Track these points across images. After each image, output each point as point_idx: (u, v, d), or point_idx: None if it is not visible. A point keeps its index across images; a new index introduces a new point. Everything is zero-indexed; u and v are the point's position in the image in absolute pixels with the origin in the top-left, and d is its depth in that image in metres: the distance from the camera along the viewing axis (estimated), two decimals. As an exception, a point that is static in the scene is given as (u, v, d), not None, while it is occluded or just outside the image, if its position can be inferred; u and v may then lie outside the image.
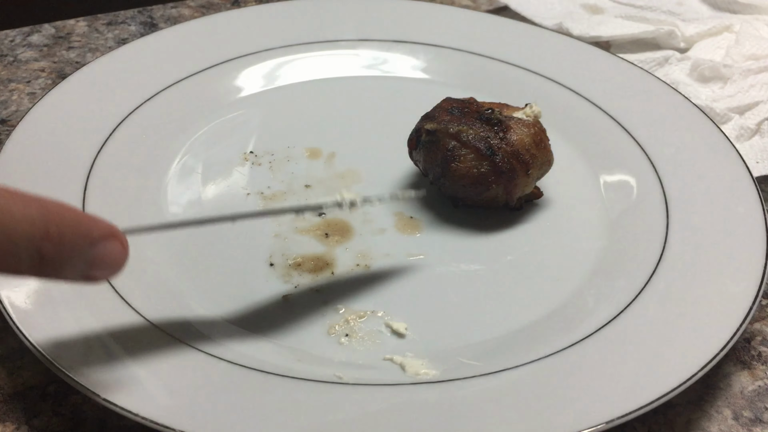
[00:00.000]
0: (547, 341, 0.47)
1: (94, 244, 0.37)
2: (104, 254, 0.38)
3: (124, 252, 0.39)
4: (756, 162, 0.62)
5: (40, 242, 0.35)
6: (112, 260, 0.38)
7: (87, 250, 0.37)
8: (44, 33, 0.76)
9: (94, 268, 0.38)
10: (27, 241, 0.35)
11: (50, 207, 0.36)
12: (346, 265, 0.53)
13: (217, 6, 0.82)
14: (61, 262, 0.37)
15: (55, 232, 0.36)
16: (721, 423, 0.46)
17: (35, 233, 0.35)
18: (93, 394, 0.41)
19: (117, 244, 0.38)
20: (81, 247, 0.37)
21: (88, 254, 0.37)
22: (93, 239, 0.37)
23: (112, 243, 0.38)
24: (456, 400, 0.43)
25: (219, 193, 0.58)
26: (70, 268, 0.37)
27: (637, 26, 0.75)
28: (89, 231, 0.37)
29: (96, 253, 0.37)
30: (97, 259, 0.38)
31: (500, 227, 0.56)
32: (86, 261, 0.37)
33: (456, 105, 0.57)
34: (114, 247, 0.38)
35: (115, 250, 0.38)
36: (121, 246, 0.39)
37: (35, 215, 0.35)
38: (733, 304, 0.47)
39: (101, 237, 0.38)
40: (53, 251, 0.36)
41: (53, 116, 0.59)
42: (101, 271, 0.38)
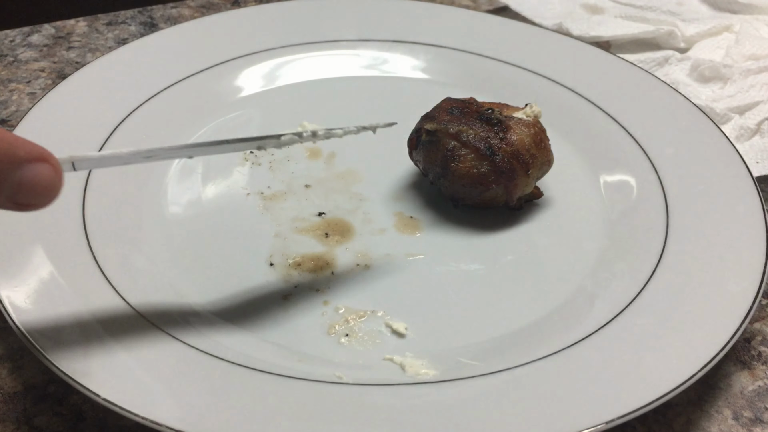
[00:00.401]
0: (547, 341, 0.47)
1: (19, 165, 0.35)
2: (32, 178, 0.35)
3: (55, 177, 0.36)
4: (756, 162, 0.62)
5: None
6: (42, 185, 0.35)
7: (12, 172, 0.34)
8: (44, 33, 0.76)
9: (21, 192, 0.35)
10: None
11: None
12: (346, 265, 0.53)
13: (217, 6, 0.82)
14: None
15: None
16: (721, 423, 0.46)
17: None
18: (93, 394, 0.41)
19: (47, 168, 0.35)
20: (4, 168, 0.34)
21: (13, 177, 0.34)
22: (18, 160, 0.35)
23: (42, 166, 0.35)
24: (456, 400, 0.43)
25: (219, 193, 0.58)
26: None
27: (637, 26, 0.75)
28: (13, 151, 0.34)
29: (23, 176, 0.35)
30: (25, 182, 0.35)
31: (500, 227, 0.56)
32: (12, 184, 0.35)
33: (456, 105, 0.57)
34: (43, 171, 0.35)
35: (44, 173, 0.35)
36: (53, 170, 0.36)
37: None
38: (733, 304, 0.47)
39: (28, 159, 0.35)
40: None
41: (53, 116, 0.59)
42: (30, 197, 0.35)
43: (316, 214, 0.57)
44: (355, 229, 0.56)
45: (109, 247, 0.50)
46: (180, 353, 0.44)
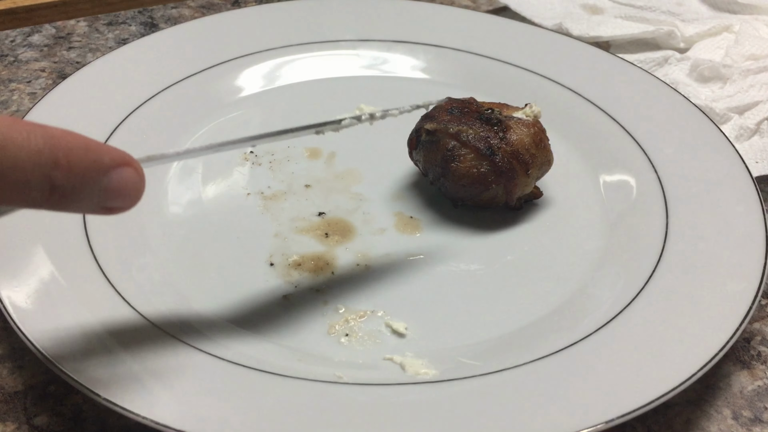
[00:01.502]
0: (547, 341, 0.47)
1: (106, 172, 0.36)
2: (119, 182, 0.36)
3: (139, 179, 0.37)
4: (755, 162, 0.62)
5: (50, 171, 0.34)
6: (128, 189, 0.37)
7: (100, 179, 0.35)
8: (44, 33, 0.76)
9: (109, 197, 0.36)
10: (36, 171, 0.33)
11: (56, 134, 0.35)
12: (346, 265, 0.53)
13: (217, 6, 0.82)
14: (73, 192, 0.35)
15: (64, 160, 0.34)
16: (721, 423, 0.46)
17: (44, 162, 0.34)
18: (93, 394, 0.41)
19: (131, 172, 0.37)
20: (93, 176, 0.35)
21: (101, 183, 0.36)
22: (105, 167, 0.36)
23: (126, 171, 0.36)
24: (456, 400, 0.43)
25: (219, 193, 0.58)
26: (85, 199, 0.36)
27: (637, 26, 0.75)
28: (100, 158, 0.35)
29: (110, 181, 0.36)
30: (112, 187, 0.36)
31: (500, 227, 0.56)
32: (100, 190, 0.36)
33: (456, 105, 0.57)
34: (128, 175, 0.36)
35: (129, 177, 0.37)
36: (136, 173, 0.37)
37: (41, 144, 0.34)
38: (733, 304, 0.47)
39: (114, 164, 0.36)
40: (64, 180, 0.34)
41: (54, 116, 0.59)
42: (117, 200, 0.37)
43: (316, 214, 0.57)
44: (355, 229, 0.56)
45: (109, 247, 0.50)
46: (180, 353, 0.44)
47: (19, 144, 0.33)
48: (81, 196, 0.36)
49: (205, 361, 0.44)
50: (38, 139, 0.34)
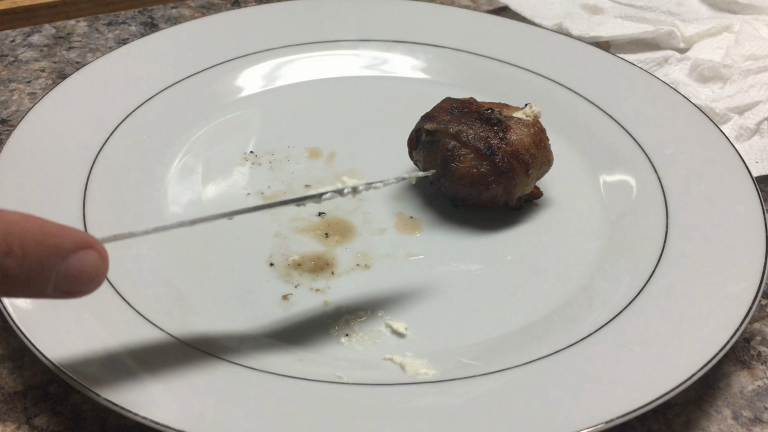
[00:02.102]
0: (547, 341, 0.47)
1: (65, 257, 0.34)
2: (78, 267, 0.35)
3: (102, 262, 0.36)
4: (755, 162, 0.62)
5: (2, 260, 0.32)
6: (89, 273, 0.35)
7: (58, 264, 0.34)
8: (44, 33, 0.76)
9: (68, 282, 0.35)
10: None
11: (10, 219, 0.33)
12: (346, 265, 0.53)
13: (217, 6, 0.82)
14: (28, 280, 0.33)
15: (18, 246, 0.33)
16: (721, 423, 0.46)
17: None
18: (93, 394, 0.41)
19: (93, 255, 0.35)
20: (50, 262, 0.34)
21: (59, 268, 0.34)
22: (64, 251, 0.34)
23: (87, 254, 0.35)
24: (456, 400, 0.43)
25: (219, 193, 0.58)
26: (41, 285, 0.34)
27: (637, 26, 0.75)
28: (58, 243, 0.34)
29: (69, 266, 0.34)
30: (71, 273, 0.34)
31: (500, 227, 0.56)
32: (58, 276, 0.34)
33: (456, 105, 0.57)
34: (89, 259, 0.35)
35: (90, 261, 0.35)
36: (98, 256, 0.35)
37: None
38: (733, 304, 0.47)
39: (73, 248, 0.34)
40: (18, 269, 0.33)
41: (54, 116, 0.59)
42: (76, 285, 0.35)
43: (316, 214, 0.57)
44: (356, 229, 0.56)
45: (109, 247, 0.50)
46: (180, 353, 0.44)
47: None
48: (36, 283, 0.34)
49: (205, 362, 0.44)
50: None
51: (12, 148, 0.56)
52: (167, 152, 0.60)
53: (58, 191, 0.54)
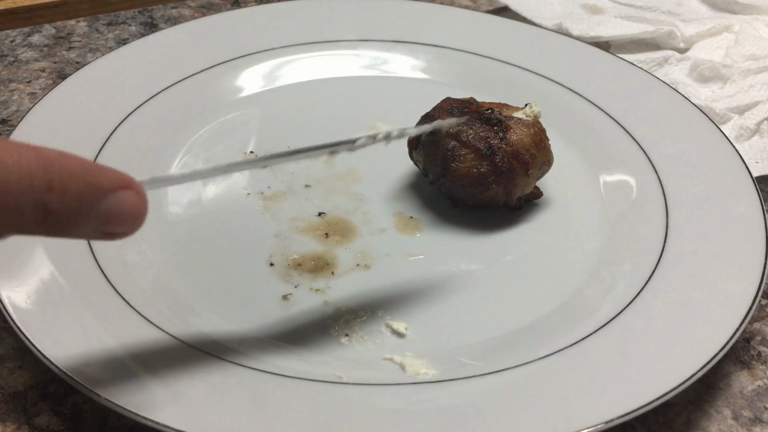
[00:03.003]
0: (547, 341, 0.47)
1: (104, 195, 0.34)
2: (118, 207, 0.34)
3: (141, 203, 0.35)
4: (756, 162, 0.62)
5: (43, 195, 0.32)
6: (129, 213, 0.35)
7: (98, 202, 0.33)
8: (45, 33, 0.76)
9: (108, 222, 0.34)
10: (28, 195, 0.32)
11: (51, 156, 0.32)
12: (346, 265, 0.53)
13: (217, 6, 0.82)
14: (69, 217, 0.33)
15: (59, 183, 0.32)
16: (721, 423, 0.46)
17: (36, 185, 0.32)
18: (93, 394, 0.41)
19: (132, 195, 0.35)
20: (90, 200, 0.33)
21: (99, 207, 0.33)
22: (104, 190, 0.34)
23: (127, 194, 0.34)
24: (456, 400, 0.43)
25: (219, 193, 0.58)
26: (82, 224, 0.34)
27: (637, 26, 0.75)
28: (98, 181, 0.33)
29: (109, 205, 0.34)
30: (111, 212, 0.34)
31: (500, 227, 0.56)
32: (98, 215, 0.34)
33: (456, 105, 0.57)
34: (129, 198, 0.34)
35: (130, 201, 0.34)
36: (137, 197, 0.35)
37: (34, 166, 0.32)
38: (733, 304, 0.47)
39: (113, 187, 0.34)
40: (59, 204, 0.32)
41: (54, 116, 0.59)
42: (117, 225, 0.35)
43: (316, 214, 0.57)
44: (356, 229, 0.56)
45: (109, 247, 0.50)
46: (180, 353, 0.44)
47: (9, 167, 0.31)
48: (77, 221, 0.34)
49: (205, 361, 0.44)
50: (31, 161, 0.32)
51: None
52: (167, 152, 0.60)
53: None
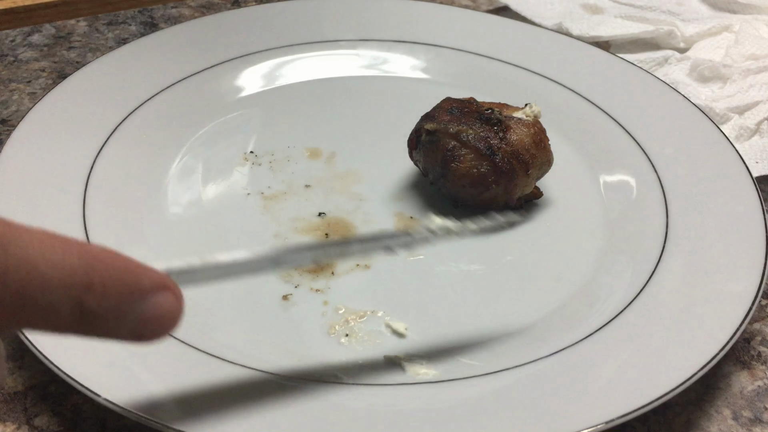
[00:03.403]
0: (547, 341, 0.47)
1: (144, 296, 0.32)
2: (157, 309, 0.33)
3: (179, 306, 0.34)
4: (756, 162, 0.62)
5: (82, 294, 0.30)
6: (166, 316, 0.33)
7: (136, 304, 0.32)
8: (45, 33, 0.76)
9: (145, 325, 0.33)
10: (66, 292, 0.30)
11: (93, 253, 0.31)
12: (346, 265, 0.53)
13: (217, 6, 0.82)
14: (105, 318, 0.31)
15: (99, 282, 0.31)
16: (721, 423, 0.46)
17: (76, 283, 0.30)
18: (93, 394, 0.41)
19: (170, 297, 0.33)
20: (129, 301, 0.32)
21: (137, 309, 0.32)
22: (143, 291, 0.32)
23: (165, 295, 0.33)
24: (456, 400, 0.43)
25: (219, 193, 0.58)
26: (117, 325, 0.32)
27: (637, 26, 0.75)
28: (138, 282, 0.32)
29: (147, 308, 0.32)
30: (149, 314, 0.32)
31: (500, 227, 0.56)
32: (135, 317, 0.32)
33: (456, 105, 0.57)
34: (167, 300, 0.33)
35: (168, 303, 0.33)
36: (175, 299, 0.33)
37: (76, 263, 0.30)
38: (733, 304, 0.47)
39: (152, 289, 0.32)
40: (96, 306, 0.31)
41: (54, 116, 0.59)
42: (153, 328, 0.33)
43: (316, 214, 0.57)
44: (356, 229, 0.56)
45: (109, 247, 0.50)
46: (180, 353, 0.44)
47: (52, 263, 0.30)
48: (112, 322, 0.32)
49: (205, 361, 0.44)
50: (74, 258, 0.30)
51: (11, 148, 0.56)
52: (167, 152, 0.60)
53: (58, 191, 0.54)
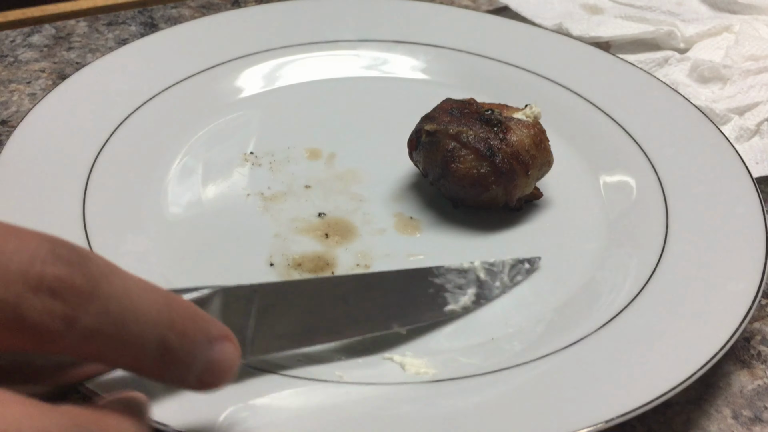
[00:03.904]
0: (547, 341, 0.47)
1: (212, 343, 0.33)
2: (221, 356, 0.34)
3: (237, 357, 0.35)
4: (756, 163, 0.62)
5: (165, 331, 0.32)
6: (228, 365, 0.34)
7: (205, 349, 0.33)
8: (45, 33, 0.76)
9: (211, 372, 0.34)
10: (154, 328, 0.31)
11: (171, 296, 0.33)
12: (346, 266, 0.53)
13: (217, 6, 0.82)
14: (182, 359, 0.33)
15: (180, 322, 0.32)
16: (721, 422, 0.46)
17: (163, 320, 0.31)
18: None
19: (232, 347, 0.34)
20: (202, 345, 0.33)
21: (205, 353, 0.33)
22: (211, 338, 0.34)
23: (229, 345, 0.34)
24: (456, 400, 0.43)
25: (219, 194, 0.58)
26: (187, 370, 0.33)
27: (637, 26, 0.75)
28: (208, 328, 0.34)
29: (213, 354, 0.33)
30: (216, 361, 0.34)
31: (500, 228, 0.56)
32: (204, 361, 0.33)
33: (456, 106, 0.57)
34: (230, 350, 0.34)
35: (230, 352, 0.34)
36: (235, 350, 0.35)
37: (161, 303, 0.32)
38: (733, 304, 0.47)
39: (218, 337, 0.34)
40: (177, 345, 0.32)
41: (54, 117, 0.59)
42: (215, 375, 0.34)
43: (316, 214, 0.57)
44: (356, 229, 0.56)
45: (109, 248, 0.50)
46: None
47: (146, 299, 0.31)
48: (187, 363, 0.33)
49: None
50: (159, 297, 0.32)
51: (12, 149, 0.56)
52: (167, 153, 0.60)
53: (58, 192, 0.54)
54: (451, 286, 0.50)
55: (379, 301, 0.48)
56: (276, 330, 0.44)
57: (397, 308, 0.48)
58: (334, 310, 0.46)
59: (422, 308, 0.49)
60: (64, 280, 0.29)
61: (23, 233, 0.30)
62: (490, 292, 0.51)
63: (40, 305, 0.29)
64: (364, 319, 0.47)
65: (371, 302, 0.48)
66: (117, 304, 0.30)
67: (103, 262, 0.31)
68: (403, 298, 0.49)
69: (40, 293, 0.29)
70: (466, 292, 0.50)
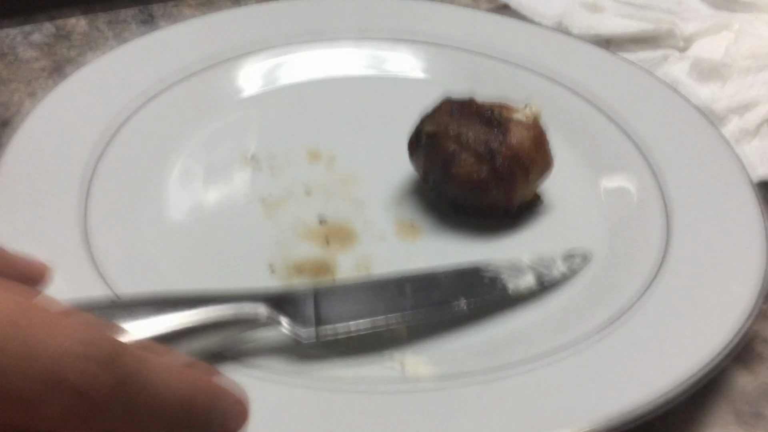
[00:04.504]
0: (548, 341, 0.47)
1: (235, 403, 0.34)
2: (237, 413, 0.34)
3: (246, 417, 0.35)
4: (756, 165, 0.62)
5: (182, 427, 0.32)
6: (240, 421, 0.35)
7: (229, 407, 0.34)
8: (44, 32, 0.76)
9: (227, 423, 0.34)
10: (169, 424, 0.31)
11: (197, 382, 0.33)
12: (347, 271, 0.53)
13: (217, 4, 0.81)
14: None
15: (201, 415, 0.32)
16: (721, 422, 0.46)
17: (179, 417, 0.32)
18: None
19: (244, 408, 0.35)
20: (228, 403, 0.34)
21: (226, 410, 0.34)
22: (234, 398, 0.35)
23: (242, 405, 0.35)
24: (456, 400, 0.43)
25: (220, 199, 0.58)
26: None
27: (637, 24, 0.75)
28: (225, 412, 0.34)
29: (230, 409, 0.34)
30: (231, 415, 0.34)
31: (501, 232, 0.56)
32: (223, 414, 0.34)
33: (456, 106, 0.57)
34: (244, 410, 0.35)
35: (243, 412, 0.35)
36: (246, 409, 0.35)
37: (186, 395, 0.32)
38: (734, 308, 0.47)
39: (236, 402, 0.35)
40: None
41: (54, 117, 0.59)
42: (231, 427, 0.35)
43: (317, 220, 0.57)
44: (356, 234, 0.56)
45: (109, 254, 0.50)
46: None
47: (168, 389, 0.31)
48: None
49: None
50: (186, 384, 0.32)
51: (12, 149, 0.55)
52: (169, 154, 0.60)
53: (59, 193, 0.54)
54: (506, 276, 0.51)
55: (440, 282, 0.50)
56: (339, 309, 0.46)
57: (460, 289, 0.49)
58: (396, 291, 0.48)
59: (486, 288, 0.50)
60: (89, 381, 0.28)
61: (54, 323, 0.28)
62: (551, 277, 0.52)
63: (58, 406, 0.28)
64: (427, 299, 0.48)
65: (432, 284, 0.49)
66: (140, 401, 0.29)
67: (133, 357, 0.30)
68: (462, 281, 0.50)
69: (61, 393, 0.28)
70: (525, 278, 0.51)
